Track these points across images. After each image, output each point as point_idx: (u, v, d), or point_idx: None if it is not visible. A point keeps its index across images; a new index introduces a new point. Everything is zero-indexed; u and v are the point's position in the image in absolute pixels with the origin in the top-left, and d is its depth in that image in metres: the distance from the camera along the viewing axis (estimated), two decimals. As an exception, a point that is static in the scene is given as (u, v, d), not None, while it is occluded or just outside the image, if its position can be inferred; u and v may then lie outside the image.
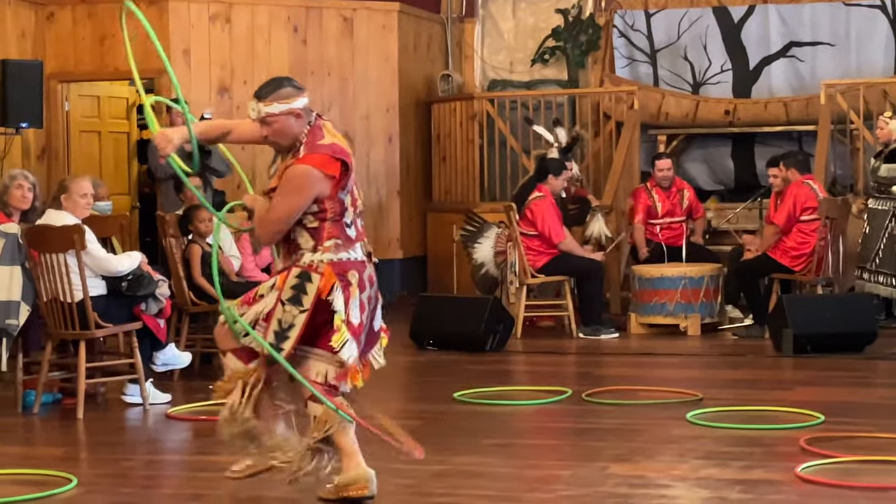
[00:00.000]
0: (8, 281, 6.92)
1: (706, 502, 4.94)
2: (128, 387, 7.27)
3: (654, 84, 12.74)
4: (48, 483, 5.31)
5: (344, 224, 4.97)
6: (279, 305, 4.89)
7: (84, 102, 11.80)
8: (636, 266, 10.28)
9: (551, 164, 10.21)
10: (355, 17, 12.03)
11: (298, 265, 4.92)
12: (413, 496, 5.12)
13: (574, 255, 9.92)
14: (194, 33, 11.23)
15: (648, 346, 9.38)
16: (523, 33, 13.35)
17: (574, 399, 7.15)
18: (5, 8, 10.65)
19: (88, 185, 7.24)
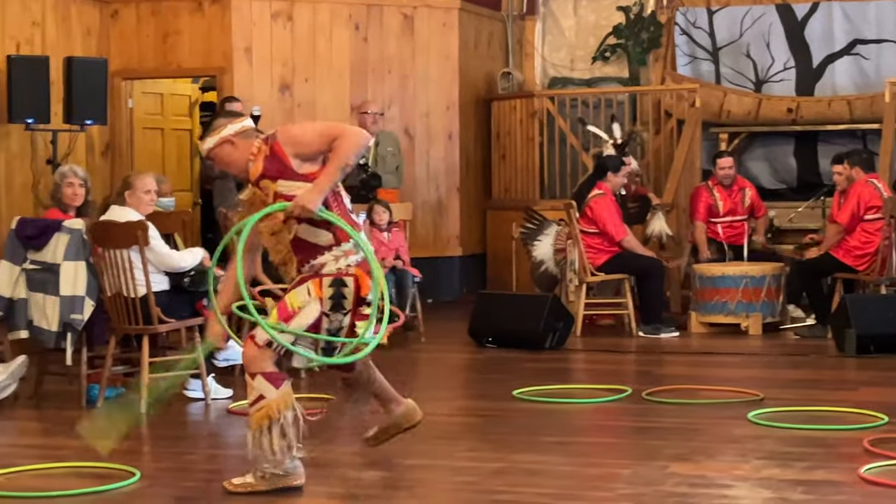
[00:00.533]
0: (73, 276, 7.00)
1: (768, 503, 4.90)
2: (189, 382, 7.33)
3: (716, 82, 12.66)
4: (112, 476, 5.36)
5: (353, 222, 5.18)
6: (324, 318, 5.06)
7: (147, 100, 11.91)
8: (697, 265, 10.22)
9: (610, 162, 10.18)
10: (416, 15, 12.04)
11: (326, 273, 5.07)
12: (474, 493, 5.12)
13: (635, 253, 9.88)
14: (256, 31, 11.30)
15: (709, 345, 9.33)
16: (584, 31, 13.31)
17: (634, 398, 7.12)
18: (70, 6, 10.77)
19: (152, 181, 7.31)
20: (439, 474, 5.48)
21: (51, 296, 7.02)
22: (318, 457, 5.81)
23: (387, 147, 10.68)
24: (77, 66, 10.00)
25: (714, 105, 12.30)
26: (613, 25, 13.02)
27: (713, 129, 12.39)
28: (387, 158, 10.65)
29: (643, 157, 12.06)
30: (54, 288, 7.00)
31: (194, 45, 11.31)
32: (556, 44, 13.44)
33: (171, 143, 12.32)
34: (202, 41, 11.29)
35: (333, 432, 6.48)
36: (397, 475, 5.46)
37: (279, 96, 11.35)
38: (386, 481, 5.34)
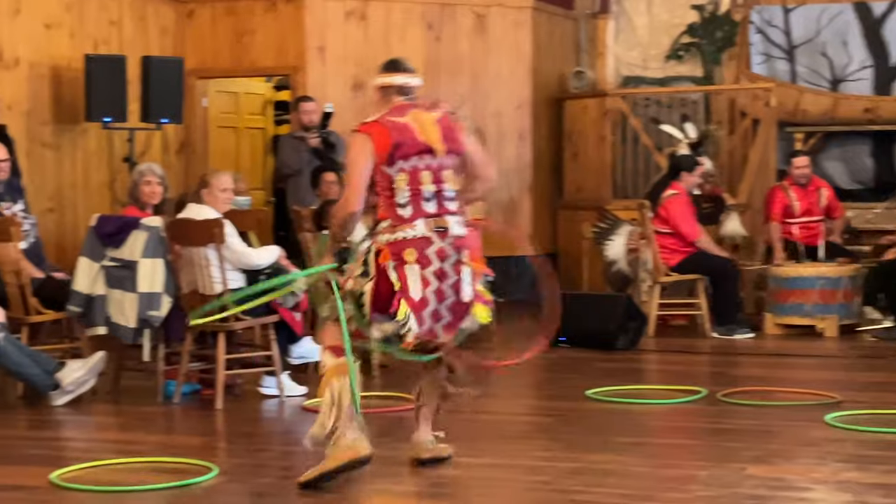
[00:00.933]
0: (150, 273, 7.07)
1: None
2: (264, 379, 7.37)
3: (792, 81, 12.53)
4: (188, 471, 5.40)
5: (396, 204, 5.21)
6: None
7: (222, 98, 12.02)
8: (772, 266, 10.12)
9: (684, 161, 10.11)
10: (489, 14, 12.03)
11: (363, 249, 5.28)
12: (548, 493, 5.10)
13: (709, 253, 9.81)
14: (330, 31, 11.35)
15: (784, 346, 9.24)
16: (658, 29, 13.23)
17: (709, 399, 7.07)
18: (147, 5, 10.89)
19: (229, 179, 7.37)
20: (513, 473, 5.47)
21: (129, 292, 7.10)
22: (393, 455, 5.83)
23: None
24: (153, 65, 10.11)
25: (789, 104, 12.17)
26: (687, 24, 12.93)
27: (788, 129, 12.26)
28: None
29: (717, 156, 11.97)
30: (132, 285, 7.08)
31: (268, 44, 11.38)
32: (628, 42, 13.37)
33: (245, 142, 12.42)
34: (276, 40, 11.37)
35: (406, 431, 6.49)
36: (471, 474, 5.46)
37: (352, 95, 11.38)
38: (459, 480, 5.34)
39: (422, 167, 5.28)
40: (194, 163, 11.42)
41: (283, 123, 12.60)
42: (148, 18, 10.91)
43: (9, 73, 9.34)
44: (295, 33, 11.30)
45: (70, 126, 9.98)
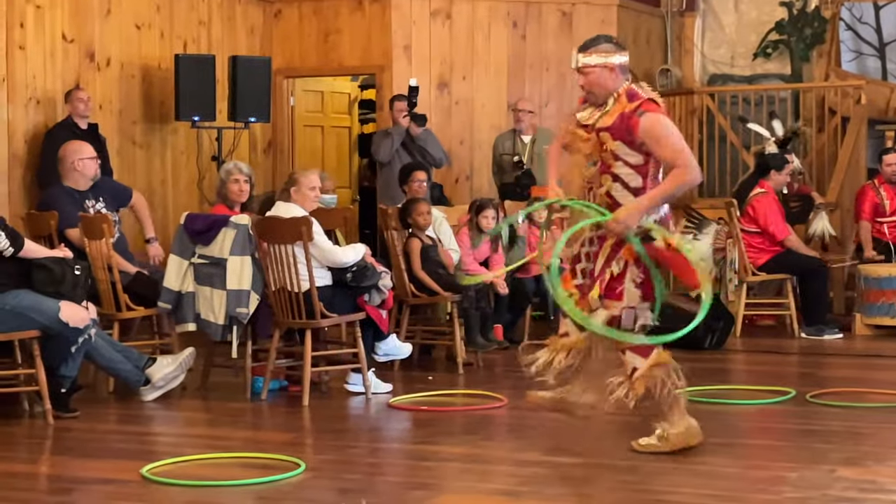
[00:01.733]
0: (239, 270, 7.14)
1: (941, 510, 4.77)
2: (350, 376, 7.41)
3: (883, 78, 12.35)
4: (276, 467, 5.45)
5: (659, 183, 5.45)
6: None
7: (308, 97, 12.10)
8: (862, 265, 9.98)
9: (772, 160, 10.00)
10: (574, 12, 11.99)
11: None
12: (636, 492, 5.08)
13: (798, 252, 9.70)
14: (416, 29, 11.38)
15: (875, 347, 9.10)
16: (745, 27, 13.10)
17: (798, 400, 6.98)
18: (235, 6, 11.00)
19: (317, 178, 7.41)
20: (601, 472, 5.44)
21: (217, 289, 7.17)
22: (479, 453, 5.85)
23: (543, 145, 10.65)
24: (241, 64, 10.21)
25: (880, 102, 11.99)
26: (776, 21, 12.79)
27: (879, 127, 12.07)
28: (543, 156, 10.63)
29: (806, 155, 11.83)
30: (221, 282, 7.15)
31: (354, 43, 11.44)
32: (716, 40, 13.25)
33: (331, 141, 12.50)
34: (362, 40, 11.42)
35: (493, 429, 6.50)
36: (558, 472, 5.44)
37: (437, 94, 11.41)
38: (546, 479, 5.32)
39: None
40: (281, 161, 11.51)
41: (369, 122, 12.66)
42: (236, 18, 11.02)
43: (100, 74, 9.49)
44: (380, 32, 11.35)
45: (160, 125, 10.11)
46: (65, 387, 6.65)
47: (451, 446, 5.99)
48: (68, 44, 9.17)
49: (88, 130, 8.81)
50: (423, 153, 10.14)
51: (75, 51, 9.24)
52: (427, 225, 8.43)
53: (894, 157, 10.53)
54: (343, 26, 11.46)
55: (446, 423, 6.60)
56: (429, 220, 8.43)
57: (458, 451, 5.90)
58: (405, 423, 6.80)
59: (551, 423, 6.59)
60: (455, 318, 8.23)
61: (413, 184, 9.14)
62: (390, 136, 10.11)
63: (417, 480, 5.36)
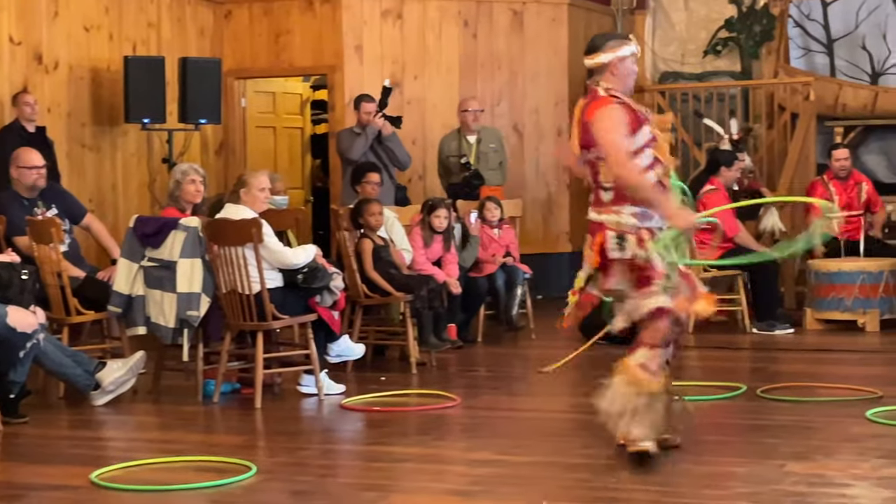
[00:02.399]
0: (189, 273, 7.10)
1: (888, 502, 4.80)
2: (303, 377, 7.40)
3: (831, 74, 12.45)
4: (228, 470, 5.43)
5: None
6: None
7: (260, 98, 12.06)
8: (812, 260, 10.06)
9: (723, 156, 10.07)
10: (525, 11, 12.02)
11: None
12: (587, 490, 5.09)
13: (749, 248, 9.76)
14: (367, 29, 11.37)
15: (825, 342, 9.18)
16: (695, 24, 13.17)
17: (748, 395, 7.03)
18: (185, 7, 10.94)
19: (266, 179, 7.39)
20: (552, 471, 5.46)
21: (168, 292, 7.13)
22: (432, 453, 5.85)
23: (489, 144, 10.65)
24: (191, 66, 10.16)
25: (829, 98, 12.10)
26: (725, 18, 12.87)
27: (828, 123, 12.17)
28: (489, 155, 10.63)
29: (756, 151, 11.90)
30: (171, 285, 7.12)
31: (306, 44, 11.41)
32: (666, 38, 13.32)
33: (283, 142, 12.46)
34: (313, 40, 11.39)
35: (446, 428, 6.51)
36: (511, 471, 5.45)
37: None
38: (499, 478, 5.33)
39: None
40: (233, 163, 11.46)
41: (321, 123, 12.63)
42: (186, 20, 10.97)
43: (48, 76, 9.41)
44: (332, 33, 11.33)
45: (109, 128, 10.04)
46: (14, 392, 6.59)
47: (404, 447, 6.00)
48: (15, 46, 9.10)
49: (36, 134, 8.74)
50: (390, 154, 10.14)
51: (23, 53, 9.17)
52: (379, 225, 8.43)
53: (843, 152, 10.63)
54: (294, 27, 11.43)
55: (399, 424, 6.60)
56: (380, 220, 8.43)
57: (411, 451, 5.91)
58: (358, 424, 6.80)
59: (504, 422, 6.62)
60: (408, 318, 8.23)
61: (366, 185, 9.13)
62: (362, 135, 10.08)
63: (370, 481, 5.36)
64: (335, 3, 11.29)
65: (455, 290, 8.84)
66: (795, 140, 11.36)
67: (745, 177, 10.48)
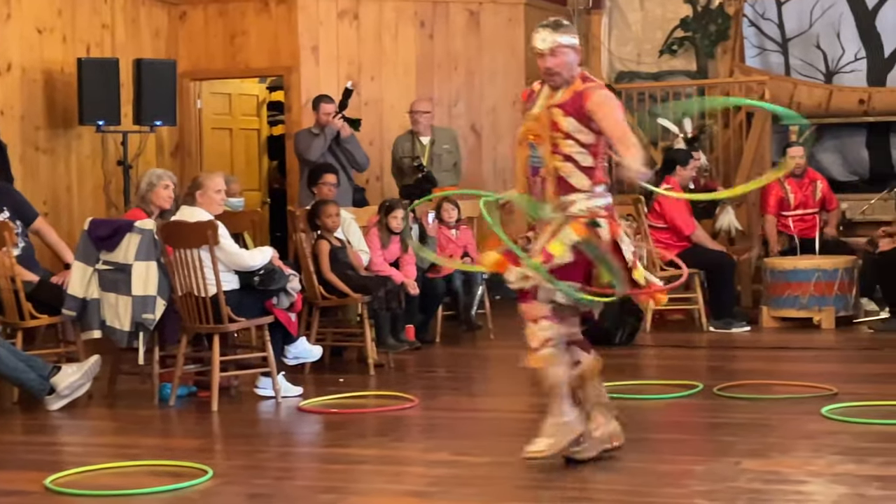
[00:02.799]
0: (144, 276, 7.06)
1: (843, 499, 4.83)
2: (260, 380, 7.37)
3: (786, 73, 12.52)
4: (185, 474, 5.40)
5: (605, 169, 5.38)
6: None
7: (216, 100, 12.00)
8: (768, 259, 10.12)
9: (678, 155, 10.11)
10: (482, 11, 12.02)
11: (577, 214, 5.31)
12: (543, 490, 5.10)
13: (705, 247, 9.81)
14: (323, 30, 11.33)
15: (781, 339, 9.24)
16: (651, 24, 13.22)
17: (705, 393, 7.06)
18: (139, 8, 10.88)
19: (222, 181, 7.35)
20: (509, 471, 5.46)
21: (123, 296, 7.09)
22: (389, 454, 5.84)
23: (443, 145, 10.64)
24: (146, 67, 10.09)
25: (784, 97, 12.15)
26: (680, 18, 12.92)
27: (783, 122, 12.25)
28: (442, 156, 10.62)
29: (712, 150, 11.96)
30: (126, 288, 7.07)
31: (261, 45, 11.37)
32: (622, 38, 13.36)
33: (240, 143, 12.41)
34: (269, 41, 11.35)
35: (404, 429, 6.50)
36: (469, 472, 5.45)
37: (346, 95, 11.35)
38: (457, 478, 5.33)
39: None
40: (189, 165, 11.40)
41: (278, 124, 12.59)
42: (140, 21, 10.90)
43: (1, 79, 9.32)
44: (288, 34, 11.29)
45: (63, 130, 9.96)
46: (-33, 398, 6.53)
47: (361, 448, 5.98)
48: (-33, 49, 9.02)
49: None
50: (349, 156, 10.12)
51: (-26, 56, 9.10)
52: (336, 227, 8.41)
53: (798, 150, 10.70)
54: (249, 28, 11.38)
55: (357, 425, 6.59)
56: (337, 222, 8.41)
57: (368, 452, 5.90)
58: (315, 426, 6.78)
59: (462, 422, 6.62)
60: (365, 320, 8.22)
61: (322, 186, 9.10)
62: (321, 136, 10.06)
63: (327, 484, 5.34)
64: (291, 3, 11.25)
65: (413, 290, 8.83)
66: (751, 139, 11.43)
67: (701, 175, 10.54)
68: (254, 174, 12.63)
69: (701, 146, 10.97)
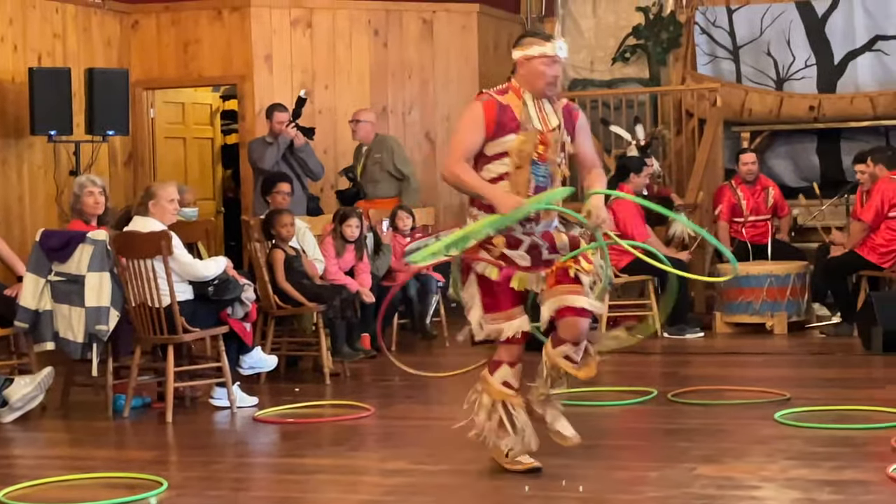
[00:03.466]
0: (97, 287, 7.02)
1: (796, 503, 4.88)
2: (215, 390, 7.34)
3: (737, 81, 12.61)
4: (139, 486, 5.38)
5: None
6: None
7: (169, 109, 11.95)
8: (721, 265, 10.19)
9: (631, 163, 10.16)
10: (435, 19, 12.04)
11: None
12: (500, 498, 5.12)
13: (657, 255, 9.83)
14: (276, 39, 11.31)
15: (734, 345, 9.30)
16: (604, 32, 13.28)
17: (660, 399, 7.11)
18: (91, 17, 10.82)
19: (175, 190, 7.33)
20: (466, 479, 5.47)
21: (76, 307, 7.04)
22: (346, 464, 5.84)
23: (375, 154, 10.58)
24: (98, 77, 10.04)
25: (735, 104, 12.25)
26: (633, 26, 12.99)
27: (735, 129, 12.35)
28: (370, 168, 10.56)
29: (665, 157, 12.03)
30: (79, 299, 7.03)
31: (215, 53, 11.33)
32: (575, 45, 13.39)
33: (194, 152, 12.35)
34: (222, 50, 11.32)
35: (360, 439, 6.50)
36: (423, 480, 5.46)
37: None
38: (413, 487, 5.33)
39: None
40: (142, 174, 11.34)
41: (232, 133, 12.56)
42: (92, 30, 10.84)
43: (-49, 88, 9.26)
44: (241, 42, 11.25)
45: (15, 140, 9.89)
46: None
47: (317, 458, 5.98)
48: (-84, 58, 8.94)
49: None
50: (303, 165, 10.10)
51: (-76, 65, 9.02)
52: (290, 236, 8.40)
53: (750, 156, 10.79)
54: (202, 36, 11.34)
55: (313, 435, 6.58)
56: (292, 231, 8.39)
57: (324, 462, 5.90)
58: (271, 437, 6.76)
59: (418, 431, 6.63)
60: (321, 329, 8.21)
61: (276, 195, 9.08)
62: (274, 144, 10.04)
63: (283, 494, 5.34)
64: (244, 12, 11.22)
65: (368, 299, 8.83)
66: (703, 145, 11.50)
67: (654, 182, 10.59)
68: (208, 183, 12.58)
69: (654, 153, 11.03)
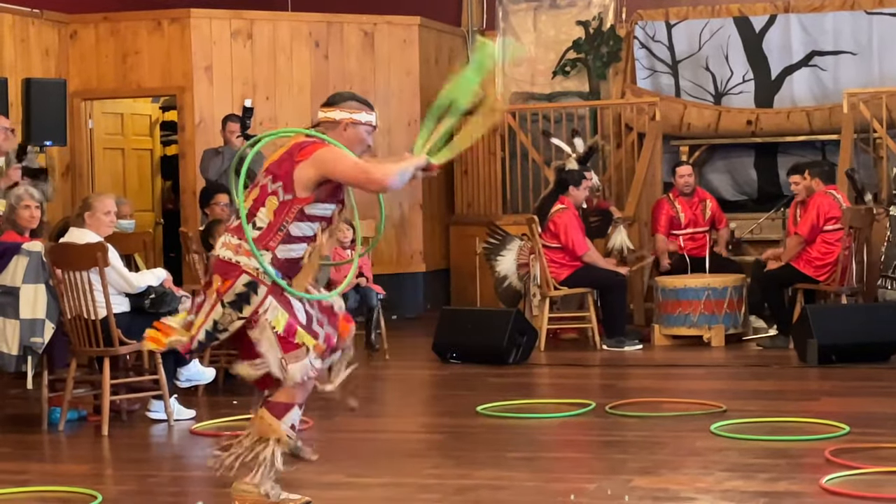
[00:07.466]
0: (32, 299, 6.94)
1: (731, 515, 4.93)
2: (152, 403, 7.28)
3: (676, 95, 12.72)
4: (73, 500, 5.35)
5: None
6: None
7: (107, 120, 11.88)
8: (659, 277, 10.26)
9: (571, 176, 10.20)
10: (376, 32, 12.06)
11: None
12: (437, 511, 5.12)
13: (597, 267, 9.91)
14: (216, 50, 11.28)
15: (672, 357, 9.36)
16: (544, 45, 13.35)
17: (598, 412, 7.13)
18: (29, 26, 10.73)
19: (112, 202, 7.27)
20: (404, 492, 5.46)
21: (10, 319, 6.96)
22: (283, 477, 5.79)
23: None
24: (35, 87, 9.95)
25: (674, 118, 12.36)
26: (573, 40, 13.06)
27: (674, 142, 12.45)
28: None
29: (604, 170, 12.11)
30: (14, 311, 6.94)
31: (154, 64, 11.27)
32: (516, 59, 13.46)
33: (132, 163, 12.28)
34: (162, 60, 11.26)
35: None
36: (362, 494, 5.45)
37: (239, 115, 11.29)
38: (350, 500, 5.32)
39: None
40: (80, 186, 11.26)
41: (171, 144, 12.49)
42: (30, 40, 10.75)
43: None
44: (180, 53, 11.21)
45: (-50, 150, 9.78)
46: None
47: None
48: None
49: None
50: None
51: None
52: (229, 247, 8.34)
53: (686, 168, 10.88)
54: (142, 47, 11.28)
55: (250, 448, 6.52)
56: (231, 242, 8.34)
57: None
58: (208, 450, 6.64)
59: (357, 443, 6.61)
60: (260, 341, 8.15)
61: (215, 206, 9.05)
62: (220, 155, 9.99)
63: None
64: (184, 23, 11.18)
65: (307, 311, 8.78)
66: (642, 159, 11.59)
67: (594, 195, 10.65)
68: (147, 194, 12.51)
69: (593, 166, 11.09)
